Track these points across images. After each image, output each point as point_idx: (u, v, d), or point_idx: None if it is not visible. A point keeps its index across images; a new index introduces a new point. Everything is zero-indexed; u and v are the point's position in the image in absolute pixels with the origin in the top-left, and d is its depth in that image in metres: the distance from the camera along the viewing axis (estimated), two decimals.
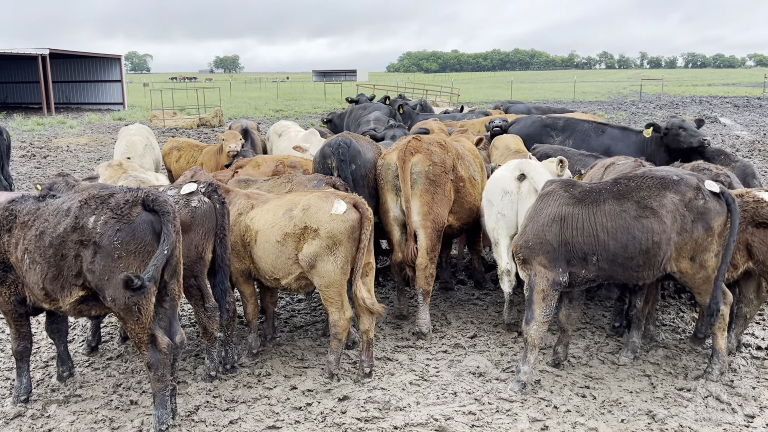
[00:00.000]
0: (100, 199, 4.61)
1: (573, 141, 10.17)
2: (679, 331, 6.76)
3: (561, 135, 10.27)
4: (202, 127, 29.55)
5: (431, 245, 6.59)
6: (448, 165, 6.73)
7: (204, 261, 5.43)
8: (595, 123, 10.62)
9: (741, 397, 5.32)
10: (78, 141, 24.00)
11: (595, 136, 10.19)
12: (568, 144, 10.18)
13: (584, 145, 9.99)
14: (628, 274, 5.31)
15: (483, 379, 5.69)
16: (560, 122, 10.46)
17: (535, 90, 65.99)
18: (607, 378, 5.69)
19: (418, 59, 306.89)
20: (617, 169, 6.82)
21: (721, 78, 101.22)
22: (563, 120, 10.55)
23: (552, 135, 10.33)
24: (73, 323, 6.99)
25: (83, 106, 44.76)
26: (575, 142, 10.13)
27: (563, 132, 10.31)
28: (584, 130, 10.26)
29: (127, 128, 11.30)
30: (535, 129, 10.46)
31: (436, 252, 6.68)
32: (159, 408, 4.76)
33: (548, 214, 5.35)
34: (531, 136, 10.09)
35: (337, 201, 5.40)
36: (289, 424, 4.98)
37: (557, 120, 10.57)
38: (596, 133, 10.21)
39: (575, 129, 10.29)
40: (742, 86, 69.49)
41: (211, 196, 5.45)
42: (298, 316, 7.23)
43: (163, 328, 4.87)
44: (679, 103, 43.02)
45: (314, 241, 5.34)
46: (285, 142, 10.96)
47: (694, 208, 5.20)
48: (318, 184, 6.59)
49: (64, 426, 4.98)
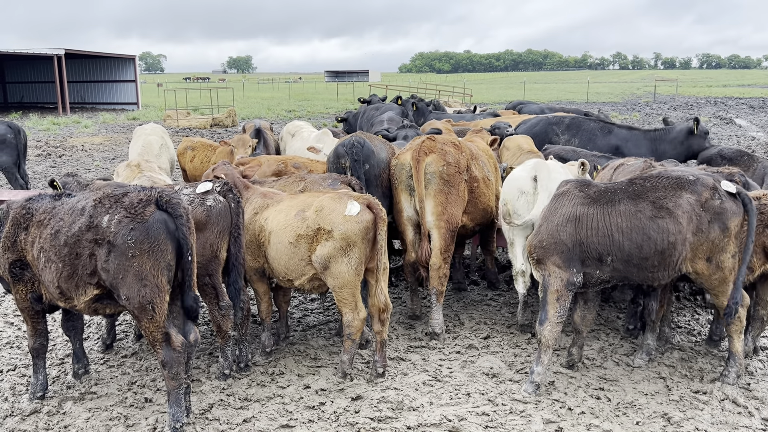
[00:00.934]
0: (114, 198, 4.64)
1: (579, 140, 10.21)
2: (694, 333, 6.70)
3: (567, 134, 10.30)
4: (215, 127, 29.68)
5: (445, 245, 6.57)
6: (462, 165, 6.71)
7: (219, 260, 5.45)
8: (601, 122, 10.66)
9: (758, 401, 5.27)
10: (93, 140, 24.19)
11: (602, 136, 10.23)
12: (573, 143, 10.20)
13: (590, 144, 10.03)
14: (643, 274, 5.27)
15: (496, 380, 5.67)
16: (566, 121, 10.50)
17: (548, 91, 65.75)
18: (621, 380, 5.65)
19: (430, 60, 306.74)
20: (627, 170, 6.77)
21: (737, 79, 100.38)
22: (568, 119, 10.60)
23: (558, 134, 10.35)
24: (88, 321, 7.04)
25: (98, 106, 45.09)
26: (581, 141, 10.18)
27: (569, 131, 10.33)
28: (590, 129, 10.30)
29: (142, 128, 11.34)
30: (540, 128, 10.49)
31: (450, 252, 6.66)
32: (173, 406, 4.78)
33: (563, 214, 5.32)
34: (537, 135, 10.13)
35: (350, 202, 5.39)
36: (303, 423, 4.99)
37: (562, 119, 10.61)
38: (602, 132, 10.25)
39: (580, 128, 10.32)
40: (758, 87, 68.91)
41: (226, 195, 5.47)
42: (311, 315, 7.24)
43: (178, 326, 4.89)
44: (694, 104, 42.67)
45: (328, 243, 5.33)
46: (298, 143, 10.97)
47: (711, 208, 5.15)
48: (333, 184, 6.59)
49: (80, 423, 5.01)
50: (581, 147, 9.78)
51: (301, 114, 37.25)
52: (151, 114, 37.18)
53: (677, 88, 60.25)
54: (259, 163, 7.97)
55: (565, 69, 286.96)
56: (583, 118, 10.75)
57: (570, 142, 10.22)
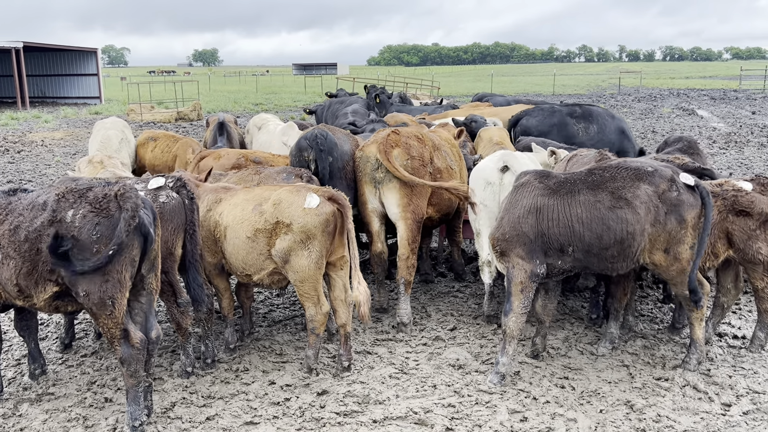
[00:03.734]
0: (78, 192, 4.52)
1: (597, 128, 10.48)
2: (657, 321, 6.79)
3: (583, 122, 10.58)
4: (180, 121, 29.23)
5: (412, 236, 6.61)
6: (426, 158, 6.73)
7: (174, 257, 5.32)
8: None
9: (718, 386, 5.36)
10: (53, 135, 23.63)
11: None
12: (591, 132, 10.38)
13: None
14: (603, 264, 5.31)
15: (462, 371, 5.67)
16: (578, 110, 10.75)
17: (516, 83, 66.23)
18: (585, 369, 5.70)
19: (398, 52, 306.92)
20: (581, 161, 6.84)
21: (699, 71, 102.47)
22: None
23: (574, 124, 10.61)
24: (46, 320, 6.86)
25: (59, 100, 44.12)
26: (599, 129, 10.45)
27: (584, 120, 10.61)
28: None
29: (102, 122, 11.08)
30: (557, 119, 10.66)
31: (417, 243, 6.71)
32: (132, 404, 4.69)
33: (524, 205, 5.33)
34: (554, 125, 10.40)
35: (309, 194, 5.33)
36: (267, 419, 4.92)
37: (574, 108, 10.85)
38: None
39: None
40: (719, 79, 70.37)
41: (179, 191, 5.34)
42: (276, 311, 7.16)
43: (139, 323, 4.79)
44: (657, 95, 43.40)
45: (287, 237, 5.26)
46: (264, 136, 10.84)
47: (668, 200, 5.20)
48: (287, 177, 6.53)
49: (37, 425, 4.88)
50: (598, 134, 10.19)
51: (269, 107, 36.90)
52: (114, 108, 36.46)
53: (641, 80, 61.21)
54: (219, 156, 7.85)
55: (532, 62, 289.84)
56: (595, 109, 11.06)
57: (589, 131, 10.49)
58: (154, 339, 4.83)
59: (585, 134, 10.43)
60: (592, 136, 10.38)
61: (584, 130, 10.45)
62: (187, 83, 46.55)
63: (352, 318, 5.69)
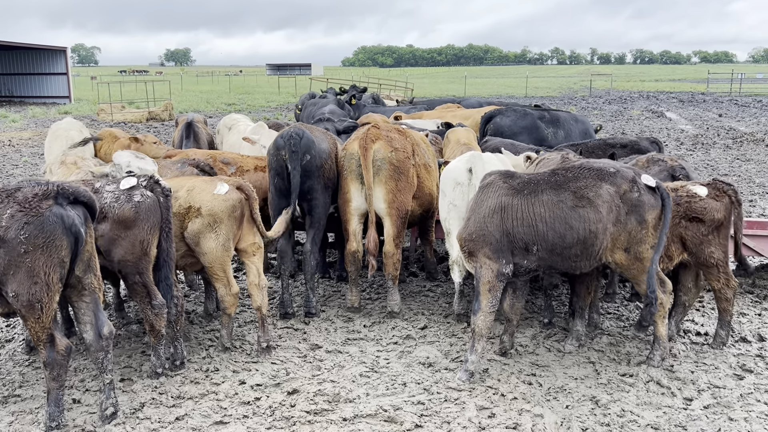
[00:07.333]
0: (6, 192, 4.45)
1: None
2: (623, 318, 6.94)
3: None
4: (151, 120, 28.88)
5: (397, 232, 6.77)
6: (409, 150, 6.87)
7: (149, 257, 5.29)
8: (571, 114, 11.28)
9: (680, 381, 5.50)
10: (21, 135, 23.23)
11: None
12: (559, 137, 10.65)
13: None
14: (566, 263, 5.42)
15: (432, 369, 5.74)
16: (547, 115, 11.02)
17: (489, 85, 66.75)
18: (552, 365, 5.80)
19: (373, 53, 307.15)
20: (547, 164, 6.96)
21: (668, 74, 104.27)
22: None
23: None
24: (12, 322, 6.77)
25: (27, 100, 43.32)
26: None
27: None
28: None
29: (57, 124, 10.79)
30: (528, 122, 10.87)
31: (402, 239, 6.89)
32: (51, 405, 4.70)
33: (489, 205, 5.41)
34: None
35: (220, 183, 5.85)
36: (237, 419, 4.93)
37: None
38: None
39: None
40: (687, 82, 71.70)
41: (153, 189, 5.31)
42: (247, 312, 7.15)
43: (89, 322, 4.75)
44: (628, 98, 44.08)
45: (197, 220, 5.71)
46: (235, 136, 10.78)
47: (629, 200, 5.32)
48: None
49: (2, 427, 4.82)
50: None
51: (242, 107, 36.67)
52: (84, 108, 35.93)
53: (612, 82, 62.13)
54: (186, 155, 7.80)
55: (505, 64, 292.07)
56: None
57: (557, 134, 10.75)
58: (107, 335, 4.78)
59: (554, 138, 10.70)
60: (560, 140, 10.64)
61: (553, 135, 10.71)
62: (159, 83, 46.07)
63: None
